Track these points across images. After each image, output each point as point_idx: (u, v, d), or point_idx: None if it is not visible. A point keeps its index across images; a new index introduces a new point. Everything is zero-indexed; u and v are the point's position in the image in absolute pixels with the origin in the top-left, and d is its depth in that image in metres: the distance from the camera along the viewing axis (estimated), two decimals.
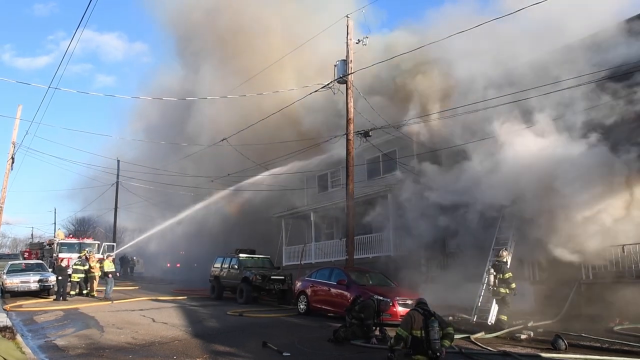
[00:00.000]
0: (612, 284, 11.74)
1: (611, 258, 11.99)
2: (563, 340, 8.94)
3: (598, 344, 9.07)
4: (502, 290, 11.63)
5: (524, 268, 13.44)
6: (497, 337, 10.25)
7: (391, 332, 8.31)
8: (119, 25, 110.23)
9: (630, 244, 11.72)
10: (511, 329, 10.78)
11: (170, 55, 49.56)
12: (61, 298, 17.07)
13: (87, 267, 18.96)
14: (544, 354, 8.38)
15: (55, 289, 17.59)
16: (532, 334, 10.11)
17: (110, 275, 18.76)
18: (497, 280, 11.77)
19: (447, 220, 13.83)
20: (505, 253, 12.22)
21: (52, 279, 18.00)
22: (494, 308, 11.91)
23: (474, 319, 11.99)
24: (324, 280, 14.13)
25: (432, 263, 16.61)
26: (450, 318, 11.99)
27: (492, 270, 12.02)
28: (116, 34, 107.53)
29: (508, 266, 12.02)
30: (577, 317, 11.52)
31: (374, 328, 9.77)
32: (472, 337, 9.95)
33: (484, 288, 12.45)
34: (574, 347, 8.90)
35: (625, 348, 8.59)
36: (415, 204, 15.20)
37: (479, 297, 12.37)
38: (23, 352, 7.85)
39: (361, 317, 9.78)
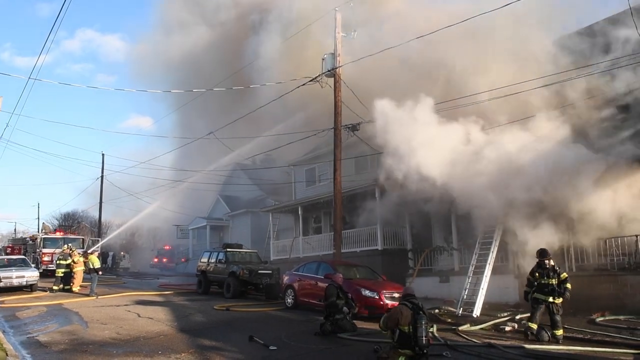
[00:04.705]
0: (595, 276, 11.96)
1: (594, 251, 12.22)
2: (546, 332, 9.08)
3: (580, 335, 9.23)
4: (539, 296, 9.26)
5: (509, 261, 13.61)
6: (482, 329, 10.36)
7: (375, 325, 8.29)
8: (120, 27, 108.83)
9: (612, 237, 11.94)
10: (496, 321, 10.91)
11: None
12: None
13: (69, 261, 18.69)
14: (527, 345, 8.52)
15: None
16: (516, 326, 10.24)
17: (100, 272, 18.54)
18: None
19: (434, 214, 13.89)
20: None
21: (36, 274, 17.73)
22: (480, 301, 12.01)
23: (460, 312, 12.10)
24: (311, 274, 14.12)
25: (419, 257, 16.75)
26: (437, 310, 12.11)
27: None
28: (118, 34, 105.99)
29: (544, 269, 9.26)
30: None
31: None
32: (458, 329, 10.06)
33: (469, 281, 12.55)
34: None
35: (607, 339, 8.74)
36: (401, 199, 15.21)
37: (465, 290, 12.47)
38: (4, 349, 7.69)
39: (345, 311, 9.88)
